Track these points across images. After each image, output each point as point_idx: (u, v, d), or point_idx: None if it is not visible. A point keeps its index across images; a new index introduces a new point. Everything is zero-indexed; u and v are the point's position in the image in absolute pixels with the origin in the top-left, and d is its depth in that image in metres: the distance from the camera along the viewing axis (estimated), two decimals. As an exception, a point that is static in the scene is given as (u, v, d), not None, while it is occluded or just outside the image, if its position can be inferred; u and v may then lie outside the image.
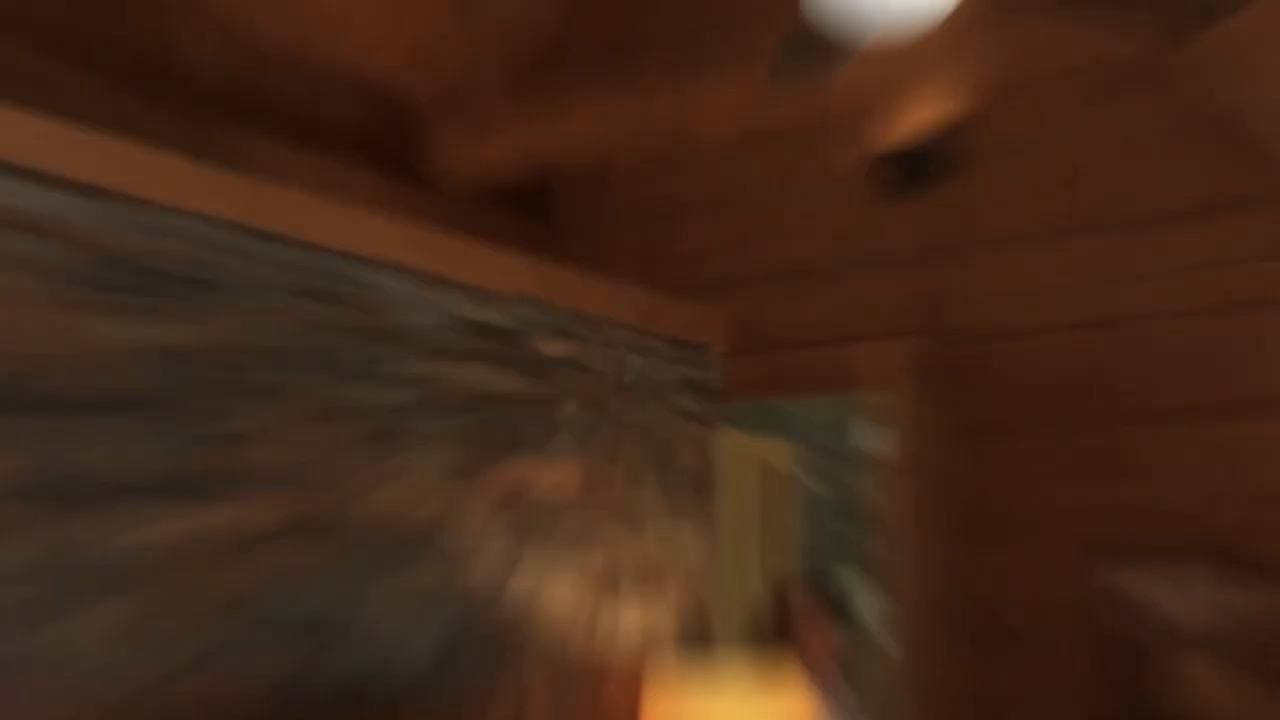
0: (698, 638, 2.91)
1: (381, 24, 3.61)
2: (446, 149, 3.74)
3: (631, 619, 2.75)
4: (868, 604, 3.88)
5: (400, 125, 3.86)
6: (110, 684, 1.86)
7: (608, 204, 4.12)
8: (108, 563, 1.81)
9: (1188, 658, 2.80)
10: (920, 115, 2.79)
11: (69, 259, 1.77)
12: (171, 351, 1.94)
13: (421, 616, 2.40)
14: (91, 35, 3.09)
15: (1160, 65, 3.03)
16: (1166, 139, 3.13)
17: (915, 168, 2.86)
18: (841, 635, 3.52)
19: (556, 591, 2.59)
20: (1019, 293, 3.30)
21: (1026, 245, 3.37)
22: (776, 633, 3.39)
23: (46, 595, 1.84)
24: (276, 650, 2.13)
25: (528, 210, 4.14)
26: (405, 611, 2.38)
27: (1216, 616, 2.79)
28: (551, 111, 3.55)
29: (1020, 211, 3.41)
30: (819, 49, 2.00)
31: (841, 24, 1.83)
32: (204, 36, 3.01)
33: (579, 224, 4.15)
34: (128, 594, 1.83)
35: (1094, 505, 3.10)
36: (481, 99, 3.82)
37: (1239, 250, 3.01)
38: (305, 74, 3.55)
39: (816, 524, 5.64)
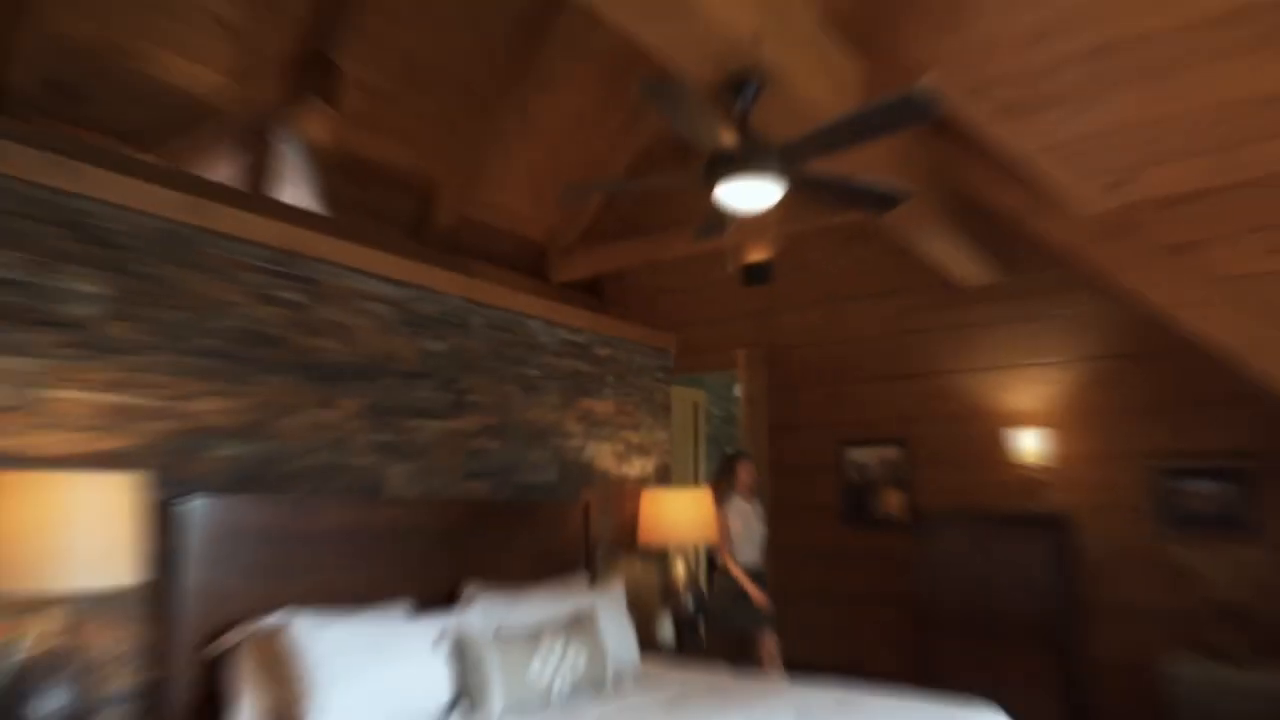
0: (663, 478, 4.62)
1: (531, 211, 5.42)
2: (555, 266, 5.60)
3: (635, 468, 4.42)
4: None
5: (539, 255, 5.64)
6: (412, 493, 3.29)
7: (626, 288, 5.97)
8: (412, 444, 3.28)
9: (880, 489, 4.87)
10: (758, 251, 4.73)
11: (393, 313, 3.25)
12: (435, 353, 3.42)
13: (547, 467, 3.89)
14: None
15: (869, 224, 4.69)
16: (873, 259, 4.99)
17: (755, 274, 4.79)
18: (751, 474, 4.58)
19: (602, 455, 4.22)
20: (798, 328, 5.16)
21: (800, 310, 5.20)
22: (726, 473, 4.57)
23: (379, 458, 3.46)
24: (482, 482, 3.57)
25: (590, 291, 5.96)
26: (540, 465, 3.86)
27: (886, 467, 4.87)
28: (598, 252, 5.47)
29: (798, 296, 5.23)
30: (718, 222, 3.24)
31: (727, 212, 2.95)
32: (453, 212, 4.90)
33: (613, 297, 5.98)
34: (419, 459, 3.30)
35: (837, 420, 5.02)
36: (569, 246, 5.67)
37: (902, 305, 4.89)
38: (499, 231, 5.31)
39: (716, 428, 7.82)
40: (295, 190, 4.83)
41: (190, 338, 2.60)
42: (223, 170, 4.54)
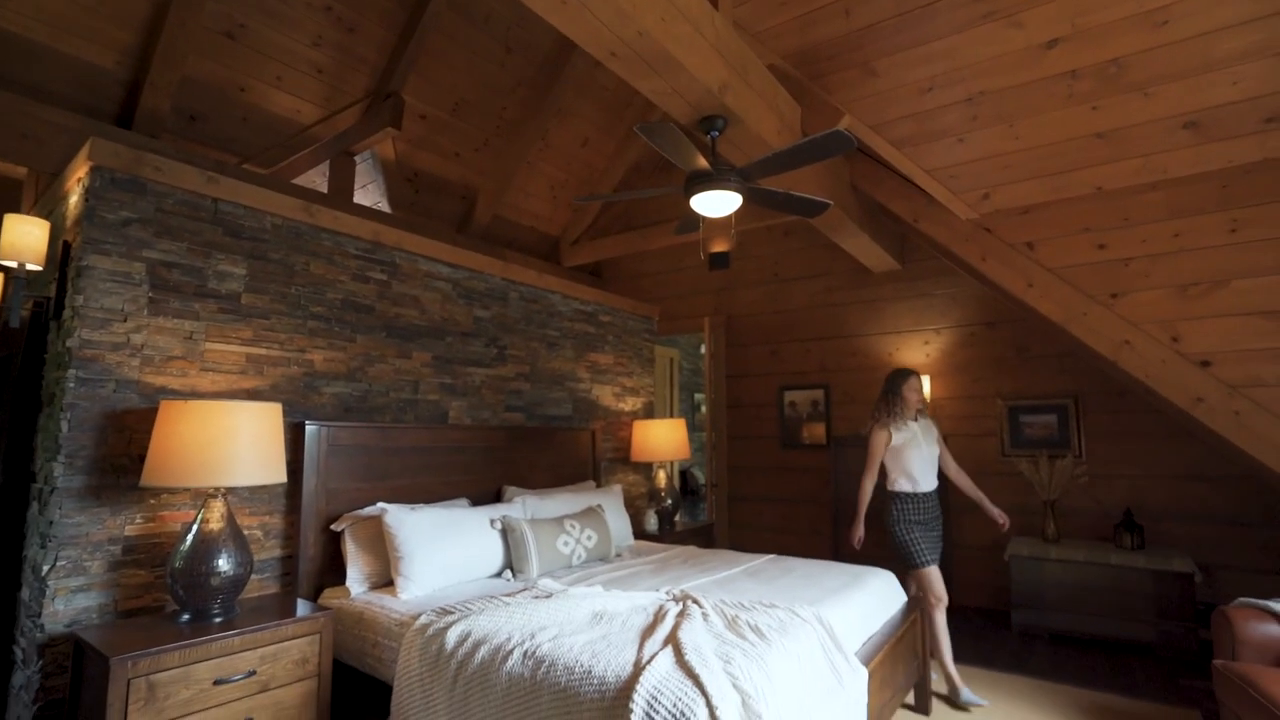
0: (649, 412, 4.77)
1: (548, 212, 5.46)
2: (566, 254, 5.62)
3: (628, 404, 4.57)
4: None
5: (553, 246, 5.66)
6: (467, 421, 3.54)
7: (621, 270, 5.98)
8: (467, 385, 3.44)
9: (808, 421, 5.11)
10: (720, 243, 4.82)
11: (452, 289, 3.38)
12: (483, 319, 3.56)
13: (564, 403, 4.05)
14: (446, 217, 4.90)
15: (804, 225, 4.95)
16: (806, 250, 5.05)
17: (718, 260, 4.90)
18: (917, 392, 3.27)
19: (604, 395, 4.37)
20: (749, 301, 5.22)
21: (751, 288, 5.25)
22: (891, 393, 3.09)
23: (443, 396, 3.52)
24: (517, 413, 3.73)
25: (593, 273, 5.99)
26: (559, 400, 4.00)
27: (813, 405, 5.07)
28: (599, 243, 5.46)
29: (750, 277, 5.29)
30: (692, 222, 3.39)
31: (699, 215, 3.17)
32: (488, 212, 4.93)
33: (612, 277, 5.99)
34: (472, 396, 3.46)
35: (777, 370, 5.12)
36: (576, 238, 5.67)
37: (827, 285, 4.97)
38: (523, 227, 5.33)
39: (687, 378, 7.90)
40: (370, 195, 4.88)
41: (307, 306, 2.71)
42: (316, 181, 4.59)
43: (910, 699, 2.78)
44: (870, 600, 2.47)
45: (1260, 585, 3.40)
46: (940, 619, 2.93)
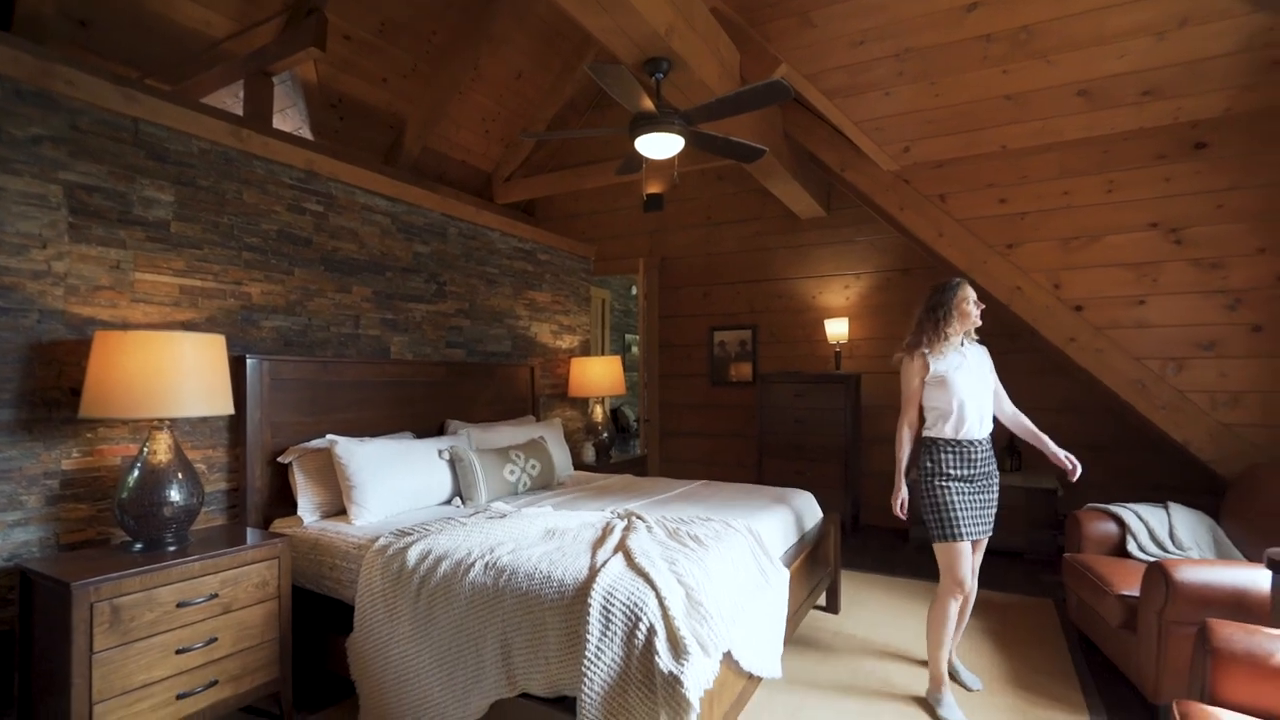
0: (585, 350, 4.88)
1: (482, 147, 5.27)
2: (501, 191, 5.51)
3: (565, 342, 4.66)
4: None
5: (485, 182, 5.52)
6: (409, 356, 3.55)
7: (555, 209, 5.94)
8: (408, 321, 3.41)
9: (736, 360, 5.39)
10: (654, 185, 4.89)
11: (390, 223, 3.31)
12: (423, 254, 3.52)
13: (504, 339, 4.09)
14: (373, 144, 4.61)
15: (738, 170, 5.06)
16: (739, 195, 5.19)
17: (652, 202, 4.98)
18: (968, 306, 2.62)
19: (542, 332, 4.43)
20: (682, 244, 5.36)
21: (684, 230, 5.37)
22: (936, 308, 2.26)
23: (384, 331, 3.49)
24: (458, 349, 3.75)
25: (528, 211, 5.93)
26: (499, 337, 4.04)
27: (741, 344, 5.35)
28: (533, 181, 5.40)
29: (683, 220, 5.39)
30: (634, 163, 3.35)
31: (641, 156, 3.20)
32: (417, 144, 4.72)
33: (546, 216, 5.94)
34: (413, 332, 3.45)
35: (708, 311, 5.32)
36: (509, 175, 5.55)
37: (757, 230, 5.15)
38: (454, 161, 5.16)
39: (618, 319, 8.05)
40: (291, 120, 4.61)
41: (241, 237, 2.64)
42: (228, 102, 4.29)
43: (822, 601, 3.17)
44: (791, 516, 2.78)
45: (1110, 496, 4.01)
46: (953, 610, 2.25)
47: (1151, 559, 2.55)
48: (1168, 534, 2.65)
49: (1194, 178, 3.03)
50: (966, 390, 2.29)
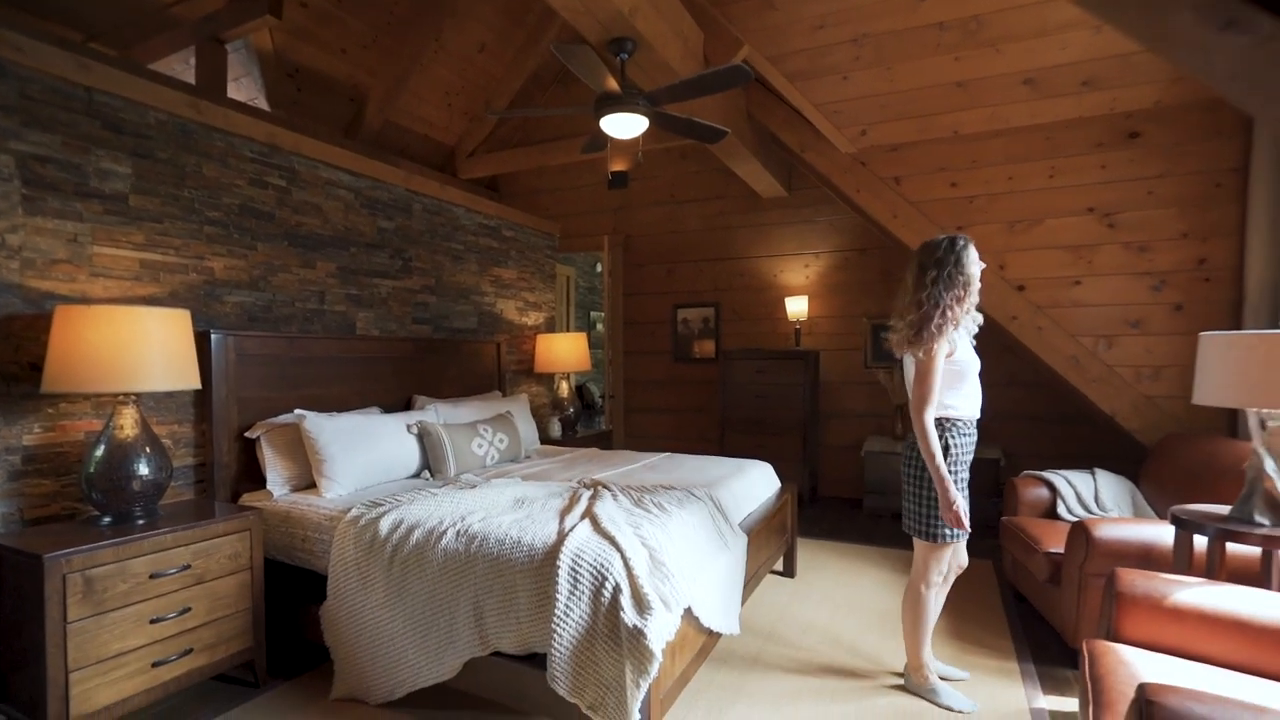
0: (550, 326, 4.95)
1: (445, 121, 5.20)
2: (464, 166, 5.44)
3: (531, 319, 4.71)
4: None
5: (448, 156, 5.44)
6: (375, 332, 3.58)
7: (519, 185, 5.90)
8: (373, 296, 3.44)
9: (699, 337, 5.52)
10: (619, 163, 4.94)
11: (354, 198, 3.31)
12: (387, 229, 3.52)
13: (470, 315, 4.13)
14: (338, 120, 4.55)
15: (702, 149, 5.15)
16: (702, 174, 5.26)
17: (617, 179, 5.03)
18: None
19: (508, 309, 4.48)
20: (646, 222, 5.42)
21: (649, 208, 5.43)
22: (945, 263, 1.89)
23: (349, 307, 3.51)
24: (424, 325, 3.78)
25: (492, 187, 5.87)
26: (465, 313, 4.08)
27: (703, 322, 5.46)
28: (497, 156, 5.35)
29: (647, 198, 5.45)
30: (599, 141, 3.49)
31: (606, 135, 3.36)
32: (379, 117, 4.63)
33: (510, 192, 5.90)
34: (379, 308, 3.46)
35: (671, 289, 5.40)
36: (473, 150, 5.49)
37: (720, 209, 5.24)
38: (416, 135, 5.07)
39: (582, 296, 8.09)
40: (245, 89, 4.49)
41: (202, 211, 2.62)
42: (179, 69, 4.16)
43: (779, 565, 3.35)
44: (749, 485, 2.93)
45: (1046, 464, 4.29)
46: (934, 600, 2.14)
47: (1077, 520, 2.78)
48: (1093, 497, 2.88)
49: (1128, 165, 3.23)
50: (975, 366, 2.06)
